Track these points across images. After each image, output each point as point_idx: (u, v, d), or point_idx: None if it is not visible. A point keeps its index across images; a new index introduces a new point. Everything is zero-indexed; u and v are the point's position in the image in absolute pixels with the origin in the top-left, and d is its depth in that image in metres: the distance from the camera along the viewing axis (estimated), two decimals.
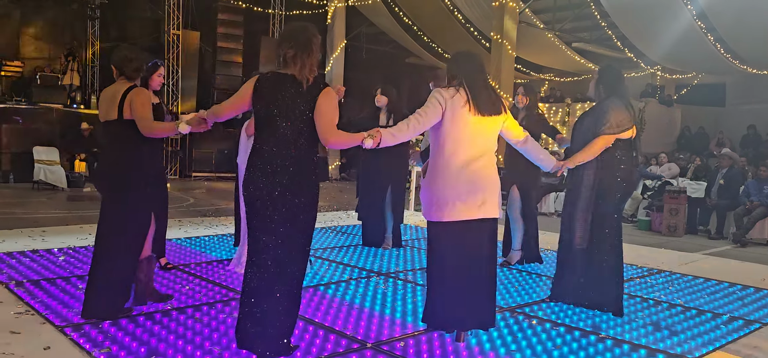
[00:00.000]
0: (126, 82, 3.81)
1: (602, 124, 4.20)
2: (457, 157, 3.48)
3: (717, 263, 6.68)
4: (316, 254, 6.02)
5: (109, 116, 3.77)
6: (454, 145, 3.48)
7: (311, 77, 3.12)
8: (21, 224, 7.24)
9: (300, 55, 3.10)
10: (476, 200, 3.48)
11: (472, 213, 3.48)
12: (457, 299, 3.52)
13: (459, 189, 3.46)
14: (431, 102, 3.52)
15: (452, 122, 3.48)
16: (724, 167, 9.36)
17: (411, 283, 5.00)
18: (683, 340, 3.85)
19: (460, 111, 3.47)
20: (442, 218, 3.51)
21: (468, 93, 3.49)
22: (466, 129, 3.48)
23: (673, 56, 14.45)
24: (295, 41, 3.12)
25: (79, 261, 5.32)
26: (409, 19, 16.78)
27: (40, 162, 11.60)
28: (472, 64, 3.62)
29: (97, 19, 16.78)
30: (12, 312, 3.84)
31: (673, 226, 8.97)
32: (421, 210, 3.73)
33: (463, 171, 3.47)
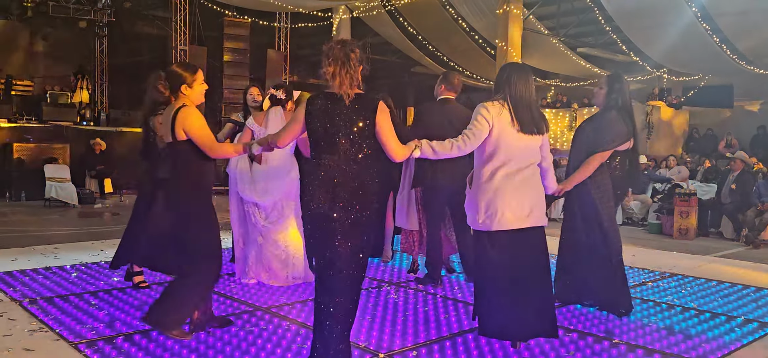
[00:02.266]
0: (180, 101, 3.61)
1: (601, 140, 4.31)
2: (504, 168, 3.56)
3: (730, 266, 6.63)
4: None
5: (166, 139, 3.67)
6: (501, 158, 3.56)
7: (352, 92, 3.12)
8: (34, 241, 7.30)
9: (339, 71, 3.11)
10: (523, 210, 3.57)
11: (521, 222, 3.57)
12: (512, 307, 3.57)
13: (508, 200, 3.54)
14: (478, 121, 3.56)
15: (499, 136, 3.56)
16: (735, 170, 9.29)
17: (422, 292, 4.99)
18: (697, 344, 3.83)
19: (506, 126, 3.55)
20: (491, 227, 3.57)
21: (511, 111, 3.57)
22: (512, 143, 3.57)
23: (679, 59, 14.42)
24: (333, 58, 3.12)
25: (91, 277, 5.35)
26: (413, 29, 16.82)
27: (51, 180, 11.68)
28: (514, 78, 3.65)
29: (105, 37, 16.94)
30: (26, 329, 3.87)
31: (683, 229, 8.91)
32: (467, 219, 3.80)
33: (510, 181, 3.56)
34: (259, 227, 5.06)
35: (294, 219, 5.07)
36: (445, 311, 4.43)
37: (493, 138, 3.56)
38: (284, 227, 5.05)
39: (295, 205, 5.08)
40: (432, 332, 3.93)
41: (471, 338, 3.80)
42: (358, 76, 3.15)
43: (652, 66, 15.52)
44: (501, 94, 3.63)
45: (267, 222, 5.04)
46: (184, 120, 3.52)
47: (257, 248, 5.12)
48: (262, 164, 5.00)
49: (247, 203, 5.09)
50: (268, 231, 5.05)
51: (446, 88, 5.16)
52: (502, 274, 3.58)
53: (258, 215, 5.07)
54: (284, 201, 5.05)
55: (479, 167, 3.65)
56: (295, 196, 5.06)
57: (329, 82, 3.15)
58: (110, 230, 8.54)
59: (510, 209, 3.53)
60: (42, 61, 16.48)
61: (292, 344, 3.65)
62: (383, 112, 3.14)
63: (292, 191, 5.06)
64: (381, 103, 3.16)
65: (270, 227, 5.04)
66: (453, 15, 15.33)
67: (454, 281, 5.44)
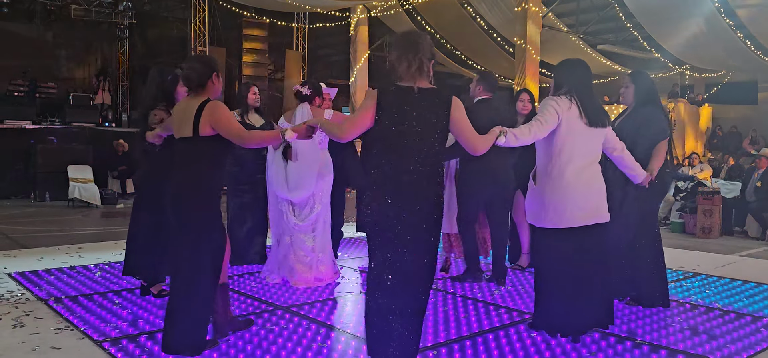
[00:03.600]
0: (198, 97, 3.44)
1: (660, 130, 4.35)
2: (572, 164, 3.61)
3: (755, 265, 6.51)
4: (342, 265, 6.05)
5: (183, 133, 3.43)
6: (569, 154, 3.61)
7: (422, 84, 3.00)
8: (58, 241, 7.43)
9: (405, 56, 3.00)
10: (591, 206, 3.64)
11: (588, 218, 3.64)
12: (576, 302, 3.65)
13: (577, 196, 3.61)
14: (549, 110, 3.60)
15: (568, 132, 3.61)
16: (761, 168, 9.12)
17: (441, 291, 4.98)
18: (722, 344, 3.77)
19: (574, 121, 3.61)
20: (560, 225, 3.63)
21: (579, 104, 3.62)
22: (580, 138, 3.63)
23: (701, 55, 14.21)
24: (400, 45, 3.02)
25: (114, 277, 5.43)
26: (431, 28, 16.80)
27: (75, 180, 11.88)
28: (581, 74, 3.74)
29: (126, 39, 17.19)
30: (52, 328, 3.94)
31: (707, 227, 8.77)
32: (528, 216, 3.86)
33: (579, 178, 3.62)
34: (290, 225, 5.07)
35: (323, 220, 5.08)
36: (465, 310, 4.42)
37: (562, 133, 3.61)
38: (312, 226, 5.05)
39: (327, 203, 5.12)
40: (452, 332, 3.92)
41: (491, 338, 3.78)
42: (429, 66, 3.04)
43: (674, 62, 15.32)
44: (564, 89, 3.68)
45: (298, 219, 5.04)
46: (214, 114, 3.33)
47: (285, 248, 5.13)
48: (293, 159, 4.98)
49: (282, 201, 5.11)
50: (297, 231, 5.05)
51: (485, 88, 5.13)
52: (567, 270, 3.65)
53: (290, 213, 5.07)
54: (316, 197, 5.04)
55: (546, 163, 3.68)
56: (326, 193, 5.09)
57: (402, 75, 3.01)
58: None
59: (578, 206, 3.60)
60: (65, 64, 16.79)
61: (313, 344, 3.66)
62: (458, 107, 3.06)
63: (324, 187, 5.07)
64: (455, 99, 3.07)
65: (299, 226, 5.04)
66: (471, 13, 15.28)
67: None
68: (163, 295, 4.55)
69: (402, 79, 3.04)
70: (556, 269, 3.70)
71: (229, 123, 3.37)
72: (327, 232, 5.17)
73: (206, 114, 3.32)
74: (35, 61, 15.90)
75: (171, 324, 3.38)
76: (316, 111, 5.07)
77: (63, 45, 16.71)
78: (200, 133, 3.34)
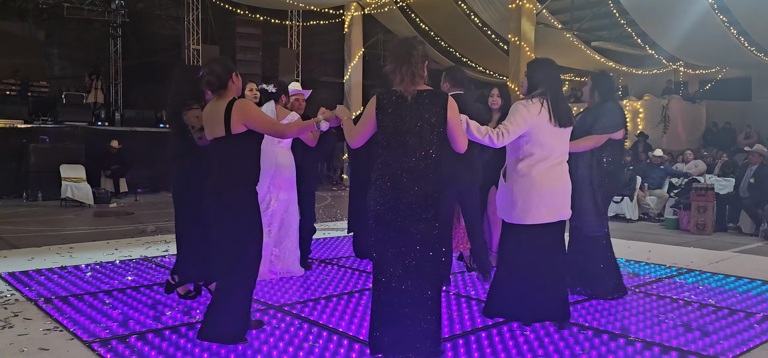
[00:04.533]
0: (225, 96, 3.56)
1: (612, 123, 4.52)
2: (542, 164, 3.76)
3: (748, 261, 6.52)
4: (340, 264, 6.02)
5: (216, 134, 3.55)
6: (538, 154, 3.76)
7: (414, 89, 3.16)
8: (49, 241, 7.38)
9: (399, 68, 3.16)
10: (556, 204, 3.81)
11: (552, 216, 3.81)
12: (530, 293, 3.85)
13: (543, 194, 3.75)
14: (517, 119, 3.72)
15: (538, 133, 3.75)
16: (754, 164, 9.13)
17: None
18: (715, 341, 3.76)
19: (544, 124, 3.74)
20: (526, 221, 3.79)
21: (551, 107, 3.76)
22: (549, 139, 3.77)
23: (696, 51, 14.22)
24: (394, 56, 3.19)
25: (106, 277, 5.39)
26: (425, 25, 16.77)
27: (67, 180, 11.80)
28: (553, 75, 3.90)
29: (119, 38, 17.09)
30: (41, 329, 3.90)
31: (701, 224, 8.78)
32: (498, 210, 4.01)
33: (546, 177, 3.76)
34: None
35: (280, 216, 5.12)
36: (458, 308, 4.40)
37: (532, 134, 3.74)
38: (268, 222, 5.02)
39: (285, 199, 5.12)
40: (444, 330, 3.90)
41: (484, 336, 3.76)
42: (422, 73, 3.19)
43: (668, 59, 15.33)
44: (540, 91, 3.80)
45: None
46: (245, 111, 3.46)
47: None
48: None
49: None
50: None
51: (452, 84, 4.93)
52: (526, 263, 3.82)
53: None
54: (272, 194, 5.07)
55: (515, 162, 3.82)
56: (285, 190, 5.10)
57: (393, 80, 3.19)
58: (125, 229, 8.61)
59: (544, 204, 3.75)
60: (57, 63, 16.68)
61: (304, 343, 3.64)
62: (453, 108, 3.21)
63: (281, 184, 5.08)
64: (450, 99, 3.23)
65: None
66: (465, 10, 15.25)
67: (465, 277, 5.40)
68: (190, 296, 4.56)
69: (394, 84, 3.22)
70: (518, 261, 3.87)
71: (261, 118, 3.53)
72: (285, 227, 5.17)
73: (237, 113, 3.44)
74: (27, 60, 15.79)
75: (216, 314, 3.51)
76: (281, 110, 5.12)
77: (55, 43, 16.61)
78: (232, 132, 3.46)
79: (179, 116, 4.31)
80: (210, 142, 3.66)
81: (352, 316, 4.21)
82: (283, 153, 5.14)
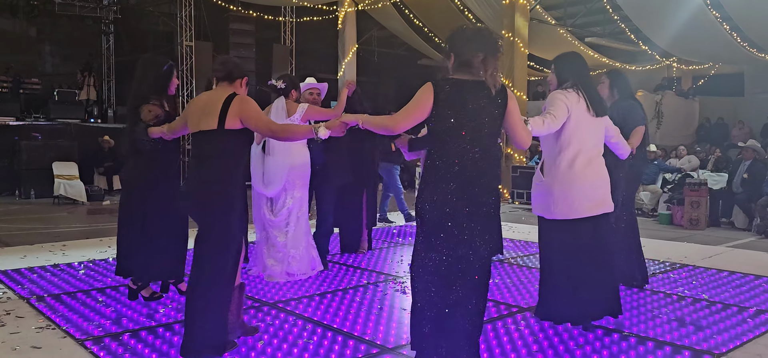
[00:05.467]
0: (226, 89, 3.40)
1: (639, 118, 4.63)
2: (582, 156, 3.69)
3: (741, 256, 6.55)
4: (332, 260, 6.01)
5: (204, 126, 3.31)
6: (578, 146, 3.69)
7: (499, 82, 2.95)
8: (42, 238, 7.33)
9: (488, 58, 2.90)
10: (599, 197, 3.74)
11: (595, 209, 3.73)
12: (586, 291, 3.71)
13: (585, 188, 3.69)
14: (559, 105, 3.65)
15: (577, 124, 3.68)
16: (747, 159, 9.17)
17: None
18: (709, 335, 3.77)
19: (582, 114, 3.69)
20: (570, 216, 3.70)
21: (586, 96, 3.72)
22: (587, 129, 3.71)
23: (689, 47, 14.26)
24: (485, 44, 2.91)
25: (99, 274, 5.36)
26: (419, 21, 16.74)
27: (60, 177, 11.74)
28: (582, 66, 3.85)
29: (111, 34, 16.98)
30: (33, 327, 3.87)
31: (694, 219, 8.82)
32: (535, 208, 3.93)
33: (587, 170, 3.70)
34: (266, 220, 5.06)
35: (296, 215, 5.04)
36: None
37: (571, 125, 3.67)
38: (285, 221, 5.02)
39: (300, 196, 5.05)
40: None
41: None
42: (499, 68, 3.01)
43: (661, 55, 15.38)
44: (570, 83, 3.76)
45: (272, 215, 5.04)
46: (243, 108, 3.27)
47: (261, 243, 5.19)
48: (266, 154, 4.97)
49: (260, 197, 5.09)
50: (271, 227, 5.06)
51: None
52: (576, 259, 3.71)
53: (267, 209, 5.07)
54: (288, 191, 5.00)
55: (555, 155, 3.74)
56: (299, 187, 5.03)
57: (476, 69, 2.90)
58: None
59: (587, 197, 3.68)
60: (49, 60, 16.57)
61: (299, 340, 3.63)
62: (513, 98, 3.04)
63: (295, 181, 5.01)
64: (509, 91, 3.04)
65: (273, 221, 5.03)
66: (459, 6, 15.23)
67: None
68: (156, 297, 4.39)
69: (460, 71, 2.96)
70: (564, 260, 3.75)
71: (259, 116, 3.34)
72: (301, 227, 5.09)
73: (235, 107, 3.26)
74: (19, 57, 15.68)
75: (194, 326, 3.23)
76: (291, 105, 5.03)
77: (47, 40, 16.49)
78: (226, 126, 3.25)
79: (138, 110, 4.14)
80: (193, 136, 3.38)
81: (346, 312, 4.20)
82: (297, 148, 5.00)
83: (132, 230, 4.28)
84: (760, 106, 15.19)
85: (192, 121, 3.39)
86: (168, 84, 4.29)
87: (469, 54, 2.91)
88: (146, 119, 4.09)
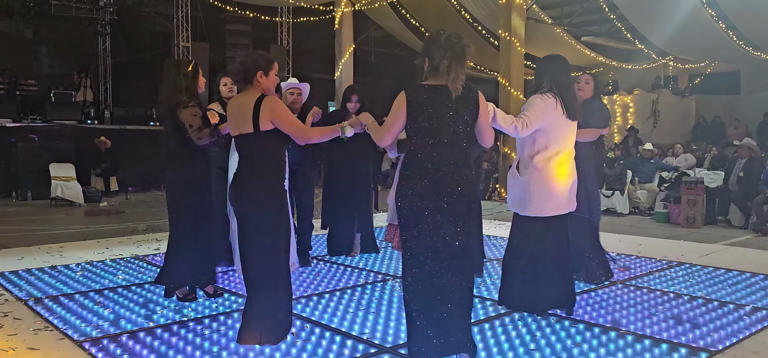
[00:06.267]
0: (252, 92, 3.47)
1: (603, 119, 4.85)
2: (556, 157, 3.86)
3: (737, 254, 6.57)
4: (325, 260, 6.02)
5: (243, 130, 3.44)
6: (554, 147, 3.86)
7: (461, 87, 3.08)
8: (39, 240, 7.32)
9: (453, 64, 3.04)
10: (569, 196, 3.95)
11: (563, 208, 3.94)
12: (544, 283, 3.96)
13: (558, 187, 3.87)
14: (535, 110, 3.80)
15: (553, 127, 3.84)
16: (743, 158, 9.20)
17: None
18: (706, 333, 3.79)
19: (559, 117, 3.85)
20: (543, 213, 3.89)
21: (561, 100, 3.86)
22: (561, 131, 3.88)
23: (685, 46, 14.29)
24: (451, 51, 3.05)
25: (96, 276, 5.36)
26: (416, 21, 16.73)
27: (57, 179, 11.72)
28: (557, 70, 3.98)
29: (108, 35, 16.95)
30: (31, 329, 3.87)
31: (691, 217, 8.84)
32: (510, 203, 4.11)
33: (562, 169, 3.88)
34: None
35: None
36: None
37: (548, 127, 3.82)
38: None
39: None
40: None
41: (476, 331, 3.77)
42: (464, 73, 3.12)
43: (657, 53, 15.40)
44: (546, 86, 3.90)
45: None
46: (274, 109, 3.39)
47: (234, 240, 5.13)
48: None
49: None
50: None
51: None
52: (540, 254, 3.93)
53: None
54: None
55: (531, 155, 3.89)
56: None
57: (441, 74, 3.05)
58: (116, 227, 8.56)
59: (559, 196, 3.88)
60: (45, 61, 16.53)
61: (297, 339, 3.63)
62: (484, 103, 3.20)
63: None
64: (481, 94, 3.18)
65: None
66: (455, 6, 15.24)
67: None
68: (190, 299, 4.40)
69: (430, 77, 3.13)
70: (532, 253, 3.97)
71: (288, 118, 3.46)
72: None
73: (265, 111, 3.38)
74: (15, 58, 15.63)
75: (255, 317, 3.43)
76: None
77: (43, 41, 16.44)
78: (261, 128, 3.39)
79: (174, 114, 4.20)
80: (235, 138, 3.54)
81: (344, 312, 4.21)
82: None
83: (194, 232, 4.32)
84: (756, 104, 15.23)
85: (233, 125, 3.54)
86: (196, 84, 4.31)
87: (437, 59, 3.07)
88: (194, 124, 4.12)
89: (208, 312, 4.21)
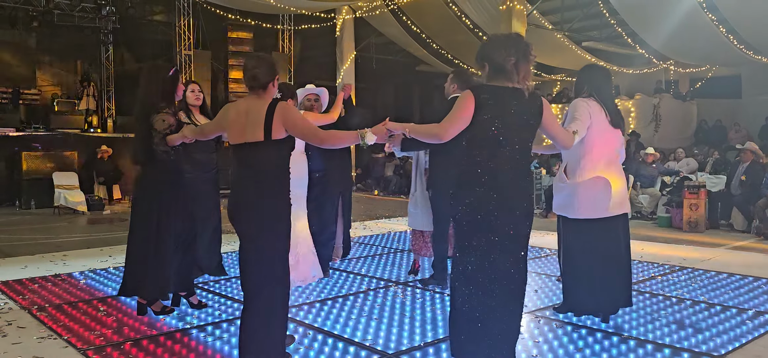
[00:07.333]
0: (261, 98, 3.21)
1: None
2: (603, 159, 3.96)
3: (740, 258, 6.57)
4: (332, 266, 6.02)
5: (250, 138, 3.15)
6: (600, 150, 3.95)
7: (531, 87, 3.01)
8: (43, 249, 7.34)
9: (522, 62, 2.94)
10: (620, 197, 4.01)
11: (617, 208, 4.00)
12: (607, 285, 3.99)
13: (609, 188, 3.93)
14: (582, 110, 3.89)
15: (598, 130, 3.91)
16: (745, 161, 9.20)
17: (429, 292, 4.98)
18: (708, 337, 3.79)
19: (603, 121, 3.94)
20: (596, 215, 3.95)
21: (604, 106, 3.95)
22: (606, 135, 3.96)
23: (685, 50, 14.30)
24: (515, 48, 2.94)
25: (100, 284, 5.37)
26: (417, 28, 16.78)
27: (60, 187, 11.76)
28: (597, 78, 4.08)
29: (110, 44, 17.01)
30: (35, 337, 3.88)
31: (693, 221, 8.84)
32: (557, 208, 4.17)
33: (609, 171, 3.96)
34: None
35: (294, 221, 4.99)
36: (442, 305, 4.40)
37: (593, 131, 3.90)
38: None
39: (296, 207, 4.99)
40: (439, 332, 3.92)
41: None
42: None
43: (658, 58, 15.40)
44: (586, 91, 4.01)
45: None
46: (288, 115, 3.13)
47: None
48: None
49: None
50: None
51: (460, 86, 4.84)
52: (597, 255, 3.97)
53: None
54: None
55: (578, 160, 3.97)
56: (296, 197, 4.98)
57: (509, 74, 2.93)
58: (119, 236, 8.57)
59: (611, 197, 3.93)
60: (48, 70, 16.58)
61: (300, 346, 3.65)
62: (548, 106, 3.15)
63: (293, 191, 4.95)
64: (544, 99, 3.12)
65: None
66: (456, 12, 15.28)
67: None
68: (167, 312, 4.31)
69: (495, 78, 2.99)
70: (588, 256, 3.99)
71: (304, 123, 3.22)
72: (297, 234, 4.88)
73: (279, 116, 3.11)
74: (18, 68, 15.70)
75: (255, 337, 3.15)
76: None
77: (46, 51, 16.49)
78: (273, 137, 3.11)
79: (148, 119, 4.06)
80: (236, 147, 3.21)
81: (347, 318, 4.21)
82: (294, 156, 4.94)
83: (147, 243, 4.15)
84: (757, 108, 15.21)
85: (234, 132, 3.21)
86: (175, 90, 4.23)
87: (501, 59, 2.95)
88: (160, 129, 4.04)
89: (210, 320, 4.22)
